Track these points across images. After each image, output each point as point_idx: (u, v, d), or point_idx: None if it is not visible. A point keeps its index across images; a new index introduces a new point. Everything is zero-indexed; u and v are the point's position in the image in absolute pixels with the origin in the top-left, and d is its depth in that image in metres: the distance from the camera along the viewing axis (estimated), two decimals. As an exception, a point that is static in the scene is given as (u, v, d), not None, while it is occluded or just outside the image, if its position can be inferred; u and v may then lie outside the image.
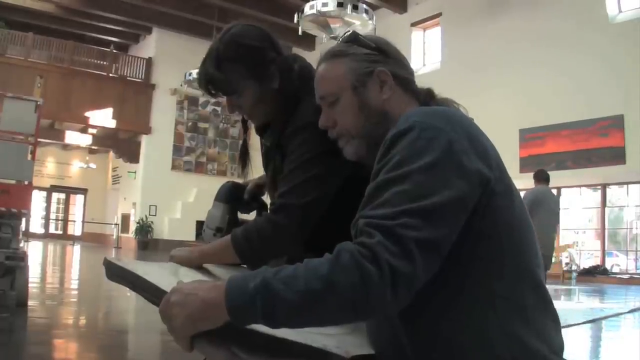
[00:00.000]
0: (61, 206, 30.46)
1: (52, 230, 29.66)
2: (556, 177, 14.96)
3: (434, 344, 1.15)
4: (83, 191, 29.77)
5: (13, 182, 6.23)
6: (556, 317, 1.22)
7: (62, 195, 30.27)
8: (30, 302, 6.23)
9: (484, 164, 1.15)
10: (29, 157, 6.57)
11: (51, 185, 29.30)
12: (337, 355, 1.10)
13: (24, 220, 6.57)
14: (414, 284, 1.04)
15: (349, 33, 1.44)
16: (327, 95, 1.42)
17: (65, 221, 30.18)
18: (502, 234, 1.16)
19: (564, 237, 15.50)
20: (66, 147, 28.05)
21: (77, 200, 30.29)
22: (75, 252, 19.68)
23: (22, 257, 6.08)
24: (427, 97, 1.40)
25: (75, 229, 29.62)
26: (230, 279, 1.08)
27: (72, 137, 23.67)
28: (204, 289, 1.09)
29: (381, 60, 1.38)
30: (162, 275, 1.39)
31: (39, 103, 6.53)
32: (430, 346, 1.15)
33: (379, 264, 1.00)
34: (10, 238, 6.07)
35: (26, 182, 6.45)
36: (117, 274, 1.40)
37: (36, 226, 28.38)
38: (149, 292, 1.27)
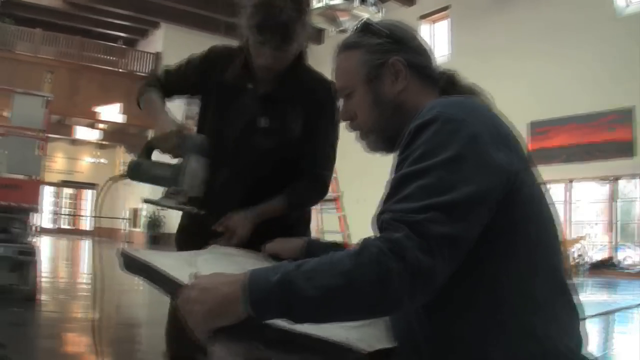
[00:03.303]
0: (71, 201, 30.56)
1: (62, 225, 29.76)
2: (566, 171, 14.95)
3: (450, 341, 1.13)
4: (92, 186, 29.86)
5: (22, 177, 6.26)
6: (576, 312, 1.19)
7: (72, 191, 30.37)
8: (41, 297, 6.27)
9: (507, 156, 1.12)
10: (38, 152, 6.60)
11: (61, 181, 29.42)
12: (357, 350, 1.09)
13: (35, 215, 6.60)
14: (436, 280, 1.02)
15: (361, 22, 1.38)
16: (342, 88, 1.38)
17: (76, 216, 30.30)
18: (524, 228, 1.13)
19: (574, 230, 15.44)
20: (75, 142, 28.14)
21: (87, 195, 30.40)
22: (86, 246, 19.75)
23: (32, 252, 6.13)
24: (447, 84, 1.36)
25: (86, 224, 29.74)
26: (250, 274, 1.06)
27: (81, 132, 23.75)
28: (222, 283, 1.08)
29: (395, 49, 1.32)
30: (179, 266, 1.36)
31: (48, 98, 6.56)
32: (446, 343, 1.13)
33: (402, 260, 0.99)
34: (20, 233, 6.12)
35: (35, 177, 6.48)
36: (132, 265, 1.38)
37: (47, 222, 28.50)
38: (165, 284, 1.25)
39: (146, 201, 1.82)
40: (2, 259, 5.96)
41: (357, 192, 14.82)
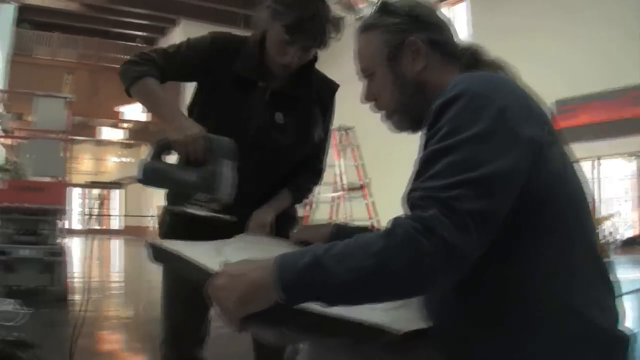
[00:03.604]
0: (99, 201, 30.87)
1: (91, 226, 30.08)
2: (593, 148, 14.75)
3: (488, 319, 1.11)
4: (119, 185, 30.14)
5: (48, 179, 6.32)
6: (612, 287, 1.17)
7: (99, 191, 30.71)
8: (72, 297, 6.34)
9: (536, 129, 1.10)
10: (62, 153, 6.67)
11: (88, 182, 29.74)
12: (390, 331, 1.07)
13: (63, 217, 6.67)
14: (470, 257, 1.01)
15: (379, 2, 1.37)
16: (364, 70, 1.37)
17: (104, 216, 30.63)
18: (556, 201, 1.11)
19: (603, 208, 15.27)
20: (100, 143, 28.44)
21: (115, 194, 30.71)
22: (115, 245, 19.98)
23: (61, 252, 6.20)
24: (471, 60, 1.33)
25: (114, 223, 30.08)
26: (279, 258, 1.06)
27: (105, 132, 24.00)
28: (251, 269, 1.08)
29: (413, 27, 1.30)
30: (207, 254, 1.35)
31: (68, 99, 6.62)
32: (485, 321, 1.11)
33: (434, 238, 0.97)
34: (47, 234, 6.19)
35: (61, 179, 6.54)
36: (160, 256, 1.37)
37: (75, 223, 28.84)
38: (194, 273, 1.24)
39: (170, 209, 1.71)
40: (31, 260, 6.05)
41: (385, 177, 14.78)
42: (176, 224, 1.91)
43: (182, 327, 1.98)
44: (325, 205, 13.74)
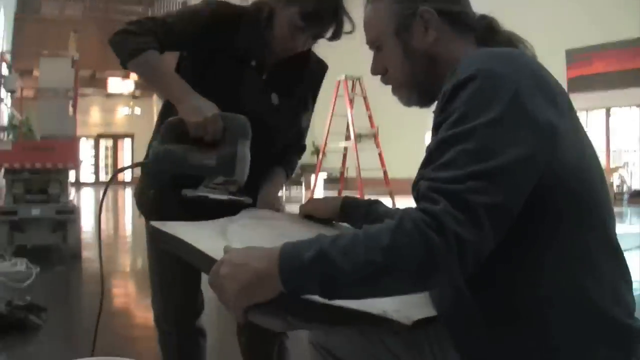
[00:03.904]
0: (110, 153, 31.01)
1: (102, 178, 30.27)
2: (605, 98, 14.58)
3: (500, 309, 1.08)
4: (130, 137, 30.22)
5: (57, 138, 6.35)
6: (629, 276, 1.13)
7: (110, 142, 30.79)
8: (85, 253, 6.45)
9: (554, 111, 1.05)
10: (71, 112, 6.69)
11: (98, 134, 29.83)
12: (398, 322, 1.05)
13: (73, 173, 6.72)
14: (482, 252, 0.97)
15: None
16: (371, 41, 1.30)
17: (114, 167, 30.76)
18: (572, 189, 1.06)
19: (614, 158, 15.18)
20: (110, 96, 28.38)
21: (125, 145, 30.78)
22: (127, 197, 20.12)
23: (72, 211, 6.27)
24: (486, 31, 1.26)
25: (125, 175, 30.23)
26: (283, 248, 1.02)
27: (115, 84, 23.91)
28: (255, 258, 1.04)
29: None
30: (211, 238, 1.31)
31: (75, 58, 6.60)
32: (496, 312, 1.08)
33: (444, 234, 0.93)
34: (59, 193, 6.24)
35: (70, 138, 6.57)
36: (163, 240, 1.34)
37: (86, 175, 29.01)
38: (198, 259, 1.22)
39: (188, 195, 1.59)
40: (42, 220, 6.11)
41: (392, 129, 14.71)
42: (167, 203, 1.80)
43: (177, 304, 1.99)
44: (334, 154, 13.73)
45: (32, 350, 3.43)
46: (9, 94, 8.99)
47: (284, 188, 2.08)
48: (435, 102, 1.19)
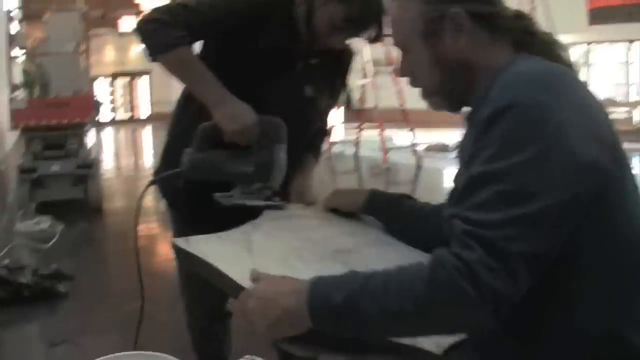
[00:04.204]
0: (126, 90, 30.93)
1: (119, 116, 30.29)
2: (627, 30, 14.13)
3: (527, 337, 1.06)
4: (146, 73, 30.05)
5: (72, 94, 6.34)
6: None
7: (126, 80, 30.66)
8: (107, 205, 6.57)
9: (600, 148, 0.98)
10: (82, 65, 6.66)
11: (113, 73, 29.69)
12: (428, 352, 1.05)
13: (90, 128, 6.73)
14: (515, 299, 0.94)
15: None
16: (398, 43, 1.21)
17: (132, 105, 30.74)
18: (612, 228, 1.01)
19: (633, 92, 14.86)
20: (123, 34, 28.10)
21: (141, 83, 30.65)
22: (145, 135, 20.16)
23: (91, 165, 6.32)
24: (521, 37, 1.15)
25: (142, 112, 30.23)
26: (312, 288, 1.01)
27: (126, 23, 23.63)
28: (283, 294, 1.03)
29: None
30: (235, 254, 1.28)
31: (83, 12, 6.52)
32: (532, 339, 1.05)
33: (478, 285, 0.90)
34: (77, 148, 6.28)
35: (84, 92, 6.56)
36: (187, 260, 1.29)
37: (104, 114, 29.01)
38: (224, 284, 1.19)
39: (222, 200, 1.56)
40: (62, 175, 6.19)
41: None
42: (194, 197, 1.75)
43: (206, 304, 2.05)
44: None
45: (61, 319, 3.51)
46: (22, 51, 8.96)
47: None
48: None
